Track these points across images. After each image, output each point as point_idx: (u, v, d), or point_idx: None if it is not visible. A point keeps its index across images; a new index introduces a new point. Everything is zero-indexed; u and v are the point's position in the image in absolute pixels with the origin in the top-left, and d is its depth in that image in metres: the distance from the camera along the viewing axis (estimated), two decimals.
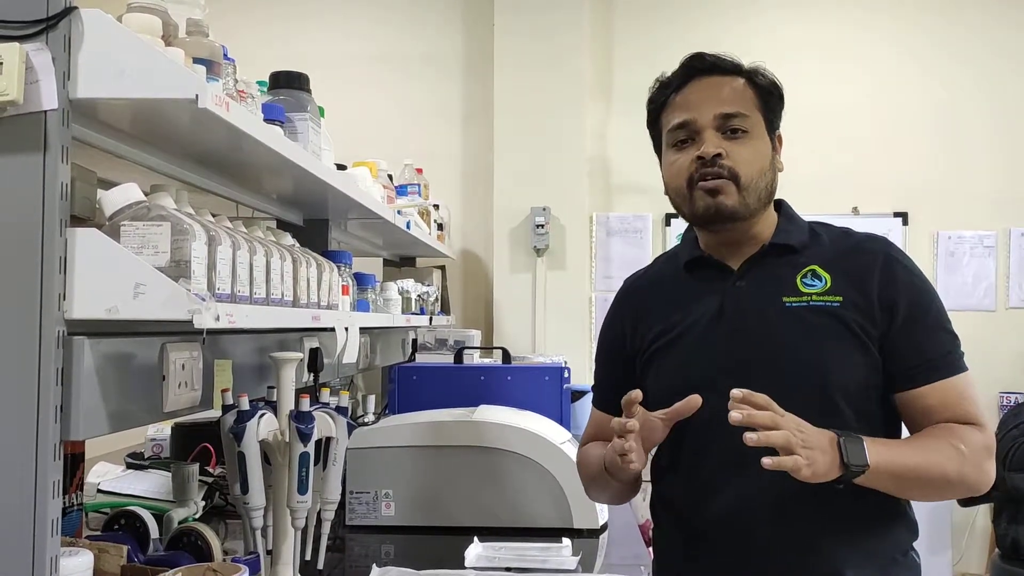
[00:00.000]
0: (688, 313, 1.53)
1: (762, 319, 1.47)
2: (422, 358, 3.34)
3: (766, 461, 1.25)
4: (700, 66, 1.52)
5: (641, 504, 2.21)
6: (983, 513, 4.06)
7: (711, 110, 1.48)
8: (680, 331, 1.53)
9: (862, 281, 1.46)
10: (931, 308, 1.48)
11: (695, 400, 1.41)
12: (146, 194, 1.23)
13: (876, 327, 1.44)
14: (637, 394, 1.40)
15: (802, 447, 1.27)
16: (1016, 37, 4.35)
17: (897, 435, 1.50)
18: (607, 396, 1.68)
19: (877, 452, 1.33)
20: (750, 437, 1.26)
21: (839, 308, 1.45)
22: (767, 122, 1.52)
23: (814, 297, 1.46)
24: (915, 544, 1.52)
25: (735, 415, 1.27)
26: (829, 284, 1.47)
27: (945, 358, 1.45)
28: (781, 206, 1.58)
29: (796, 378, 1.43)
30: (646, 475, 1.56)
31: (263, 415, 1.51)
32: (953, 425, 1.42)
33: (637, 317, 1.62)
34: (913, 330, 1.45)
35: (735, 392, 1.29)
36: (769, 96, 1.53)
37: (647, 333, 1.58)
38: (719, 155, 1.45)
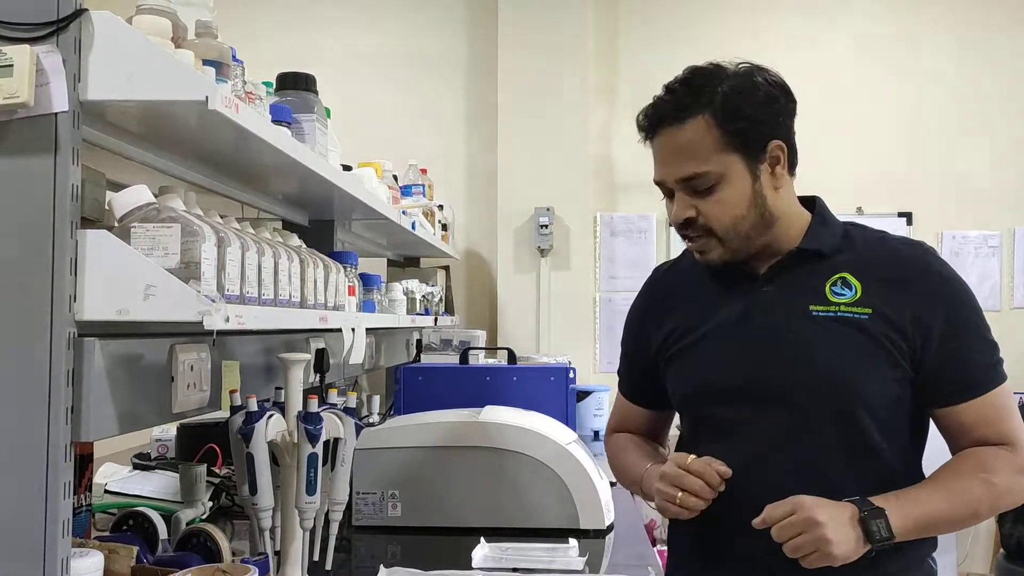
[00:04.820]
0: (711, 315, 1.50)
1: (787, 328, 1.43)
2: (427, 358, 3.34)
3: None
4: (659, 115, 1.44)
5: (647, 504, 2.20)
6: None
7: (673, 173, 1.44)
8: (702, 333, 1.50)
9: (895, 293, 1.41)
10: (969, 322, 1.43)
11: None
12: (154, 195, 1.23)
13: (908, 342, 1.39)
14: (726, 471, 1.39)
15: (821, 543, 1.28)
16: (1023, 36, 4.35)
17: (922, 447, 1.48)
18: (634, 388, 1.69)
19: (902, 516, 1.31)
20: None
21: (867, 320, 1.39)
22: (743, 155, 1.41)
23: (842, 307, 1.41)
24: None
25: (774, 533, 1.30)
26: (859, 294, 1.41)
27: (984, 373, 1.42)
28: (815, 205, 1.51)
29: (819, 391, 1.40)
30: None
31: (271, 416, 1.51)
32: (984, 453, 1.39)
33: (663, 312, 1.58)
34: (951, 348, 1.40)
35: (756, 522, 1.33)
36: (744, 126, 1.39)
37: (670, 330, 1.55)
38: (689, 219, 1.43)
